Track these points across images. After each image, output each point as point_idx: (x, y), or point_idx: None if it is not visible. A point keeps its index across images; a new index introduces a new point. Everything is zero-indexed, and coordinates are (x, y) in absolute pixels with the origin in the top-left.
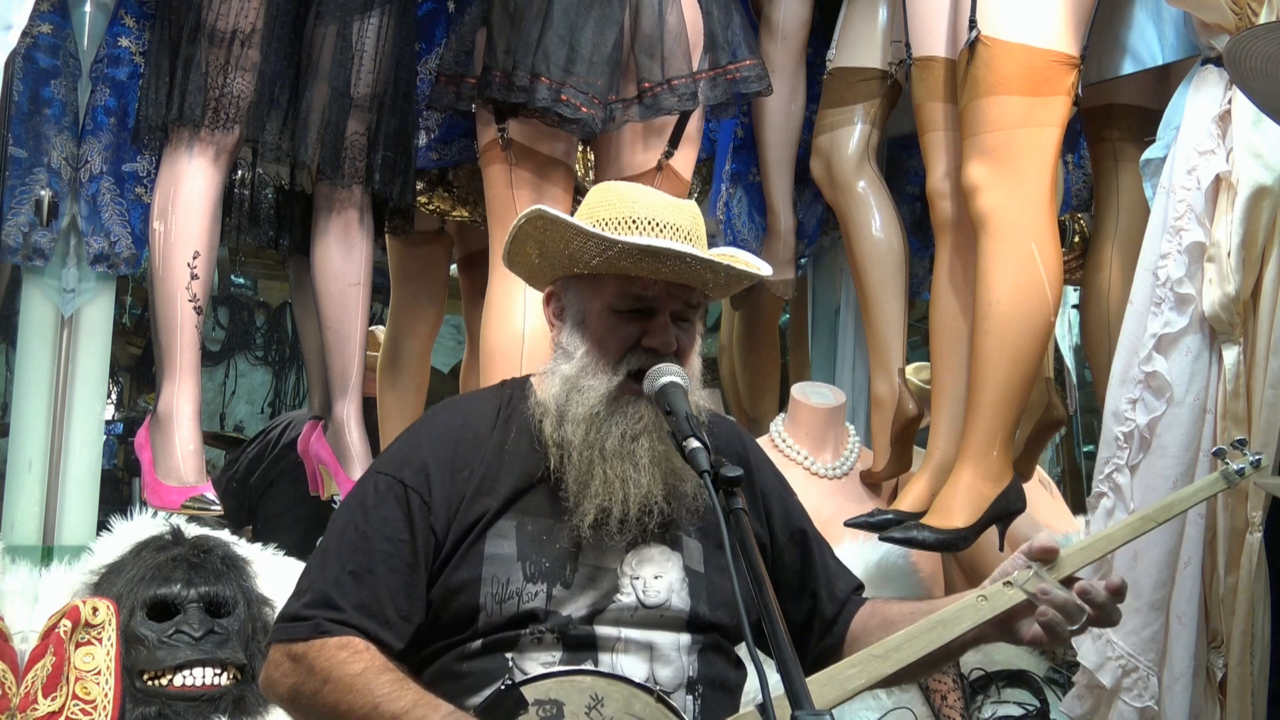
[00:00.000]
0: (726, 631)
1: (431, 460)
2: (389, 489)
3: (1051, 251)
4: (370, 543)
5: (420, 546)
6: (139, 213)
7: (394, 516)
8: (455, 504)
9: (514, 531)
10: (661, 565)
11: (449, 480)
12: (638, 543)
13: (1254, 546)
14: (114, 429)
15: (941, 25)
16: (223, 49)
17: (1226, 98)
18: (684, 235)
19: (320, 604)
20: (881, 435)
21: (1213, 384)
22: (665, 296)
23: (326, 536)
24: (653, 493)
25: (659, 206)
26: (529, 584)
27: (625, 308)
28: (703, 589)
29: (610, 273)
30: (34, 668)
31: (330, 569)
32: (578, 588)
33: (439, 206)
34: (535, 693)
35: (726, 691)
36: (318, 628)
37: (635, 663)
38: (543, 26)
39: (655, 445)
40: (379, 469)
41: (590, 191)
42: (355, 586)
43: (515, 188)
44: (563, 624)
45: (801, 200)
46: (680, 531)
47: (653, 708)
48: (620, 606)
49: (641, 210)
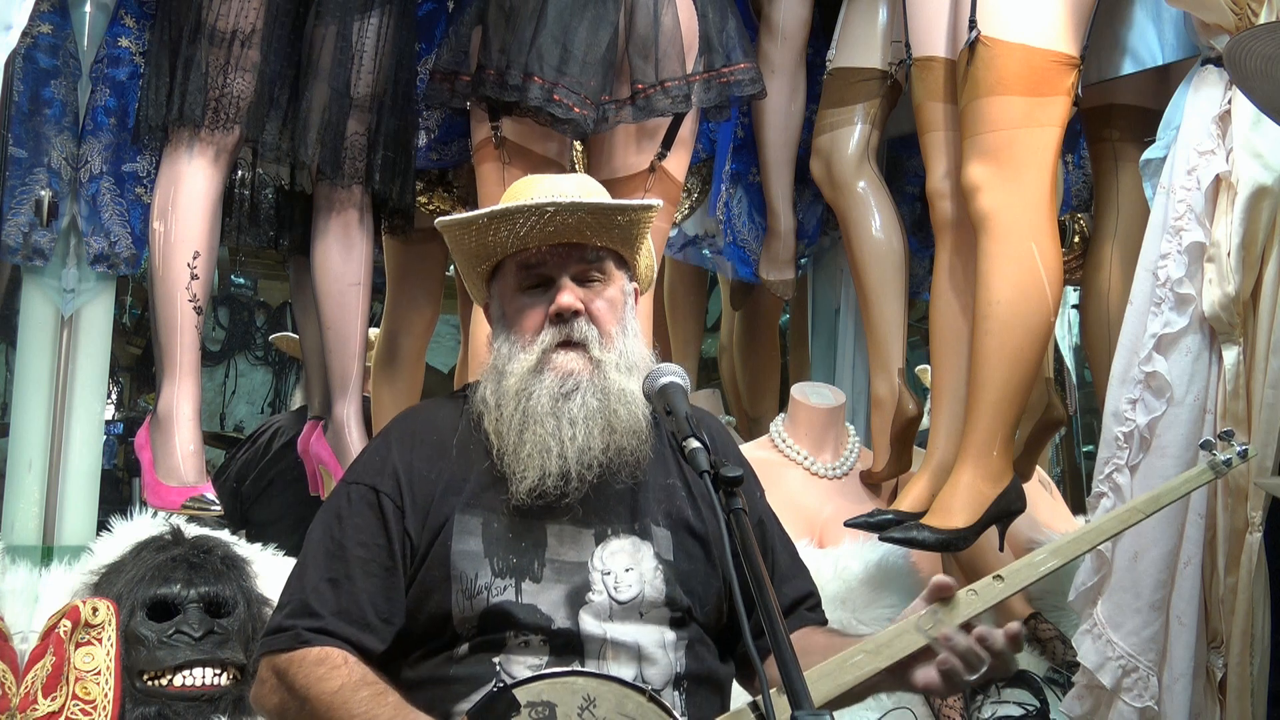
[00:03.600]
0: (704, 617)
1: (400, 464)
2: (362, 497)
3: (1051, 251)
4: (346, 550)
5: (396, 549)
6: (139, 213)
7: (369, 523)
8: (425, 505)
9: (479, 529)
10: (633, 556)
11: (417, 483)
12: (606, 535)
13: (1254, 546)
14: (114, 429)
15: (941, 25)
16: (223, 49)
17: (1226, 98)
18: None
19: (300, 613)
20: (881, 435)
21: (1213, 384)
22: (556, 261)
23: (304, 549)
24: (589, 446)
25: (542, 184)
26: (497, 579)
27: (527, 284)
28: (674, 576)
29: (505, 257)
30: (34, 668)
31: (309, 579)
32: (548, 582)
33: (439, 206)
34: (528, 695)
35: (714, 685)
36: (297, 637)
37: (623, 662)
38: (537, 26)
39: (588, 400)
40: (350, 479)
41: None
42: (334, 594)
43: (508, 186)
44: (546, 625)
45: (801, 200)
46: (649, 520)
47: (645, 707)
48: (596, 605)
49: (520, 190)
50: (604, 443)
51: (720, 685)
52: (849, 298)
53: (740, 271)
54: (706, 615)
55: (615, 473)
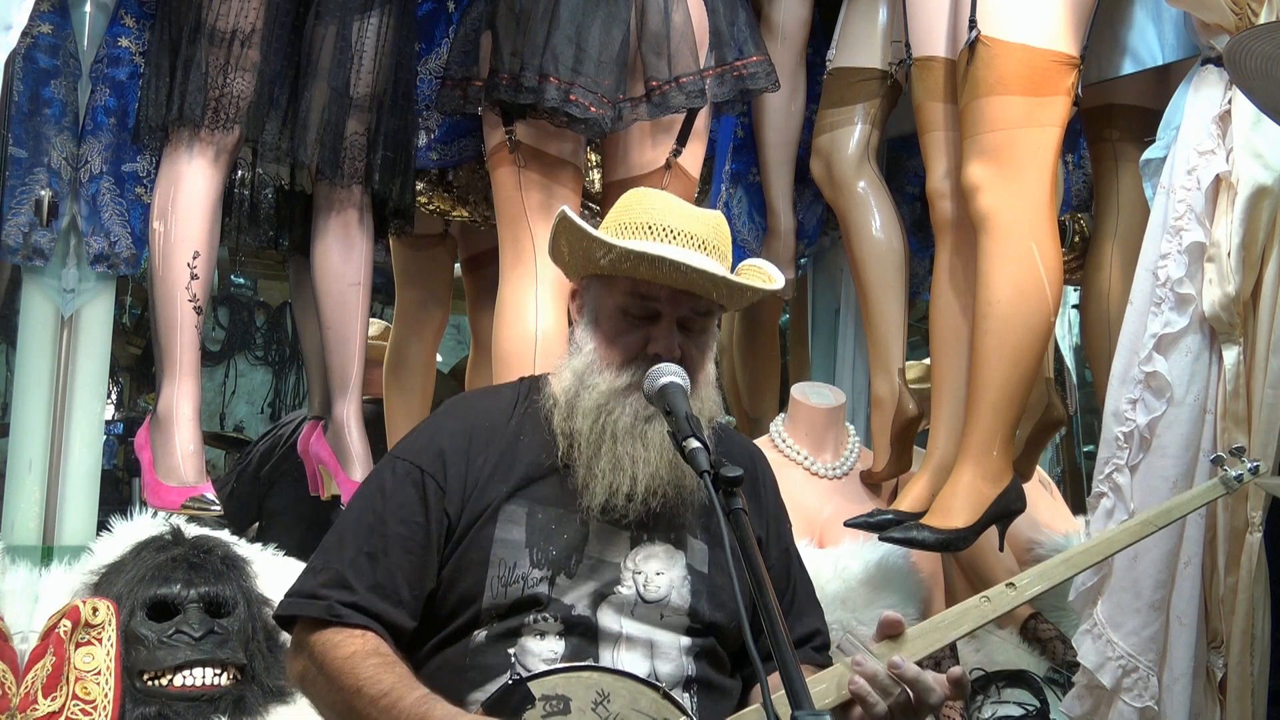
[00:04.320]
0: (724, 633)
1: (448, 447)
2: (406, 474)
3: (1051, 251)
4: (386, 525)
5: (434, 530)
6: (139, 213)
7: (410, 500)
8: (469, 489)
9: (524, 519)
10: (665, 563)
11: (464, 467)
12: (643, 540)
13: (1254, 546)
14: (114, 429)
15: (941, 25)
16: (223, 49)
17: (1226, 98)
18: (698, 244)
19: (335, 584)
20: (881, 435)
21: (1213, 384)
22: (670, 301)
23: (343, 519)
24: (659, 473)
25: (677, 214)
26: (534, 570)
27: (633, 309)
28: (704, 588)
29: (621, 274)
30: (34, 668)
31: (347, 550)
32: (580, 578)
33: (439, 206)
34: (542, 688)
35: (723, 695)
36: (330, 609)
37: (636, 659)
38: (549, 27)
39: (664, 433)
40: (396, 454)
41: (625, 194)
42: (370, 567)
43: (524, 189)
44: (565, 612)
45: (801, 200)
46: (687, 533)
47: (658, 704)
48: (620, 598)
49: (658, 216)
50: (670, 476)
51: (729, 698)
52: (849, 298)
53: None
54: (730, 628)
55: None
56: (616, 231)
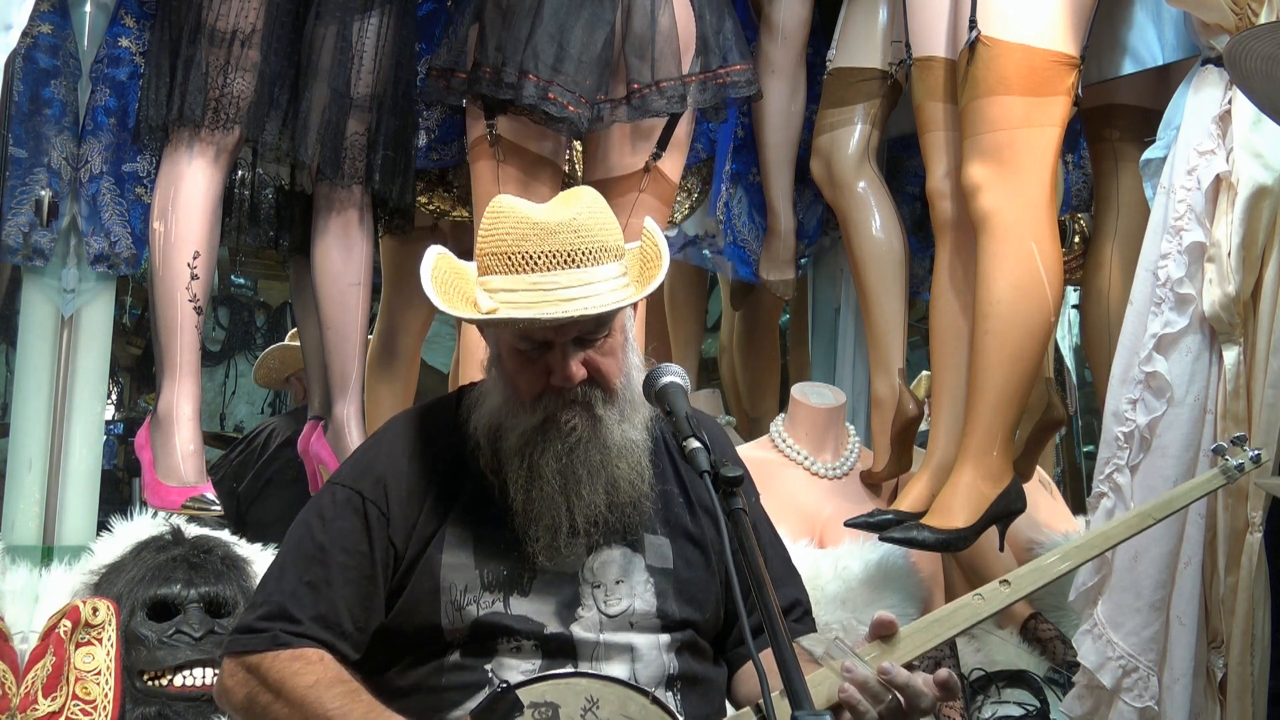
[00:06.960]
0: (698, 627)
1: (388, 473)
2: (347, 500)
3: (1051, 251)
4: (328, 554)
5: (379, 559)
6: (139, 213)
7: (352, 528)
8: (413, 516)
9: (471, 541)
10: (622, 568)
11: (406, 493)
12: (598, 544)
13: (1254, 546)
14: (114, 429)
15: (941, 25)
16: (223, 49)
17: (1226, 98)
18: (563, 258)
19: (277, 616)
20: (881, 435)
21: (1213, 384)
22: (557, 331)
23: (283, 548)
24: (594, 504)
25: (536, 229)
26: (485, 592)
27: (524, 345)
28: (669, 586)
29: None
30: (34, 668)
31: (287, 581)
32: (536, 594)
33: (439, 206)
34: (531, 695)
35: (708, 686)
36: (275, 639)
37: (616, 666)
38: (533, 24)
39: (591, 457)
40: (336, 481)
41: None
42: (313, 598)
43: (502, 184)
44: (537, 630)
45: (801, 200)
46: (643, 530)
47: (648, 709)
48: (586, 621)
49: (514, 242)
50: (607, 499)
51: (714, 687)
52: (849, 298)
53: (740, 271)
54: (705, 621)
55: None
56: (481, 262)
